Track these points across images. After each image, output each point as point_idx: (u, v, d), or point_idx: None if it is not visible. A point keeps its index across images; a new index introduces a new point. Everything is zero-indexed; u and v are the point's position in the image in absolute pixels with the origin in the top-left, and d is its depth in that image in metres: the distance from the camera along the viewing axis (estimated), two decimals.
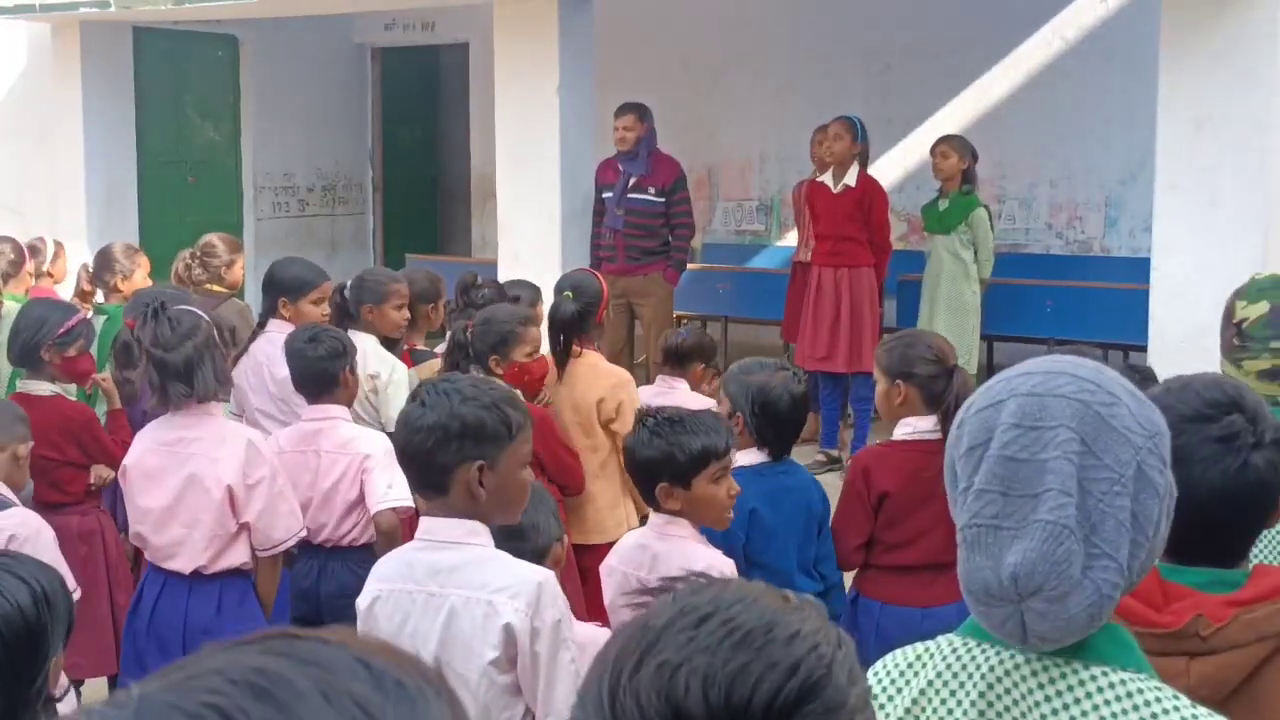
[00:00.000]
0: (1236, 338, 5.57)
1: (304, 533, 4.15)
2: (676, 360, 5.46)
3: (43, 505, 4.49)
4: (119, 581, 4.74)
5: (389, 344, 5.41)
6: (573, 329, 5.05)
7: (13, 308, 5.93)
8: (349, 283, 5.40)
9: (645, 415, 3.57)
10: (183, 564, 4.02)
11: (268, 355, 5.08)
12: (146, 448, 4.07)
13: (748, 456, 3.92)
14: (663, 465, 3.42)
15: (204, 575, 4.02)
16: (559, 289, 5.22)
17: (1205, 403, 2.00)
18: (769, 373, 3.95)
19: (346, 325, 5.12)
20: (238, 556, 4.04)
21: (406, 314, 5.36)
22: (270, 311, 5.27)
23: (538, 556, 3.09)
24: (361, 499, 4.30)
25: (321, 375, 4.40)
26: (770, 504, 3.87)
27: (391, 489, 4.21)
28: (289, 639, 0.88)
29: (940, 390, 3.91)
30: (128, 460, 4.12)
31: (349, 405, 4.53)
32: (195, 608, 4.01)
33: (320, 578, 4.32)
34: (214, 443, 3.99)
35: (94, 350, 6.28)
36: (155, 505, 4.03)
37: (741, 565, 3.73)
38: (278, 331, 5.13)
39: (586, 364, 5.09)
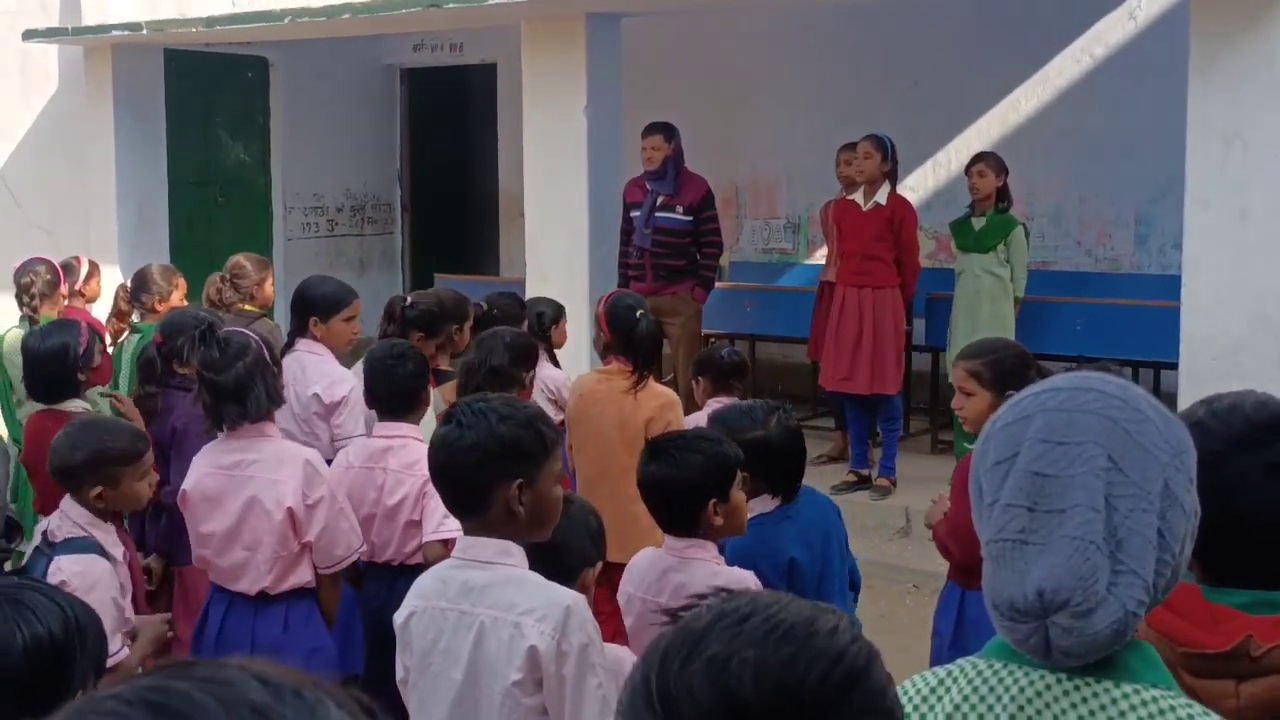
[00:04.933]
0: None
1: (364, 549, 4.14)
2: (724, 376, 5.38)
3: None
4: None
5: None
6: (660, 344, 5.04)
7: None
8: (409, 300, 5.41)
9: (656, 443, 3.54)
10: (247, 585, 4.02)
11: (293, 374, 5.07)
12: (204, 472, 4.06)
13: (763, 504, 3.79)
14: (711, 482, 3.37)
15: (269, 595, 4.02)
16: (624, 307, 5.18)
17: (1253, 426, 1.95)
18: (758, 422, 3.76)
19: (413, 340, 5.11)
20: (302, 576, 4.03)
21: (467, 336, 5.39)
22: (300, 330, 5.26)
23: (565, 577, 3.06)
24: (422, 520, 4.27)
25: (408, 393, 4.39)
26: (804, 546, 3.78)
27: (448, 519, 4.18)
28: (187, 665, 0.89)
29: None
30: (186, 485, 4.11)
31: (418, 423, 4.51)
32: (262, 627, 4.01)
33: (391, 596, 4.28)
34: (272, 464, 3.98)
35: (126, 367, 6.37)
36: (217, 529, 4.02)
37: None
38: (306, 350, 5.14)
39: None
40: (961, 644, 4.05)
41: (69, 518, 3.75)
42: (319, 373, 5.05)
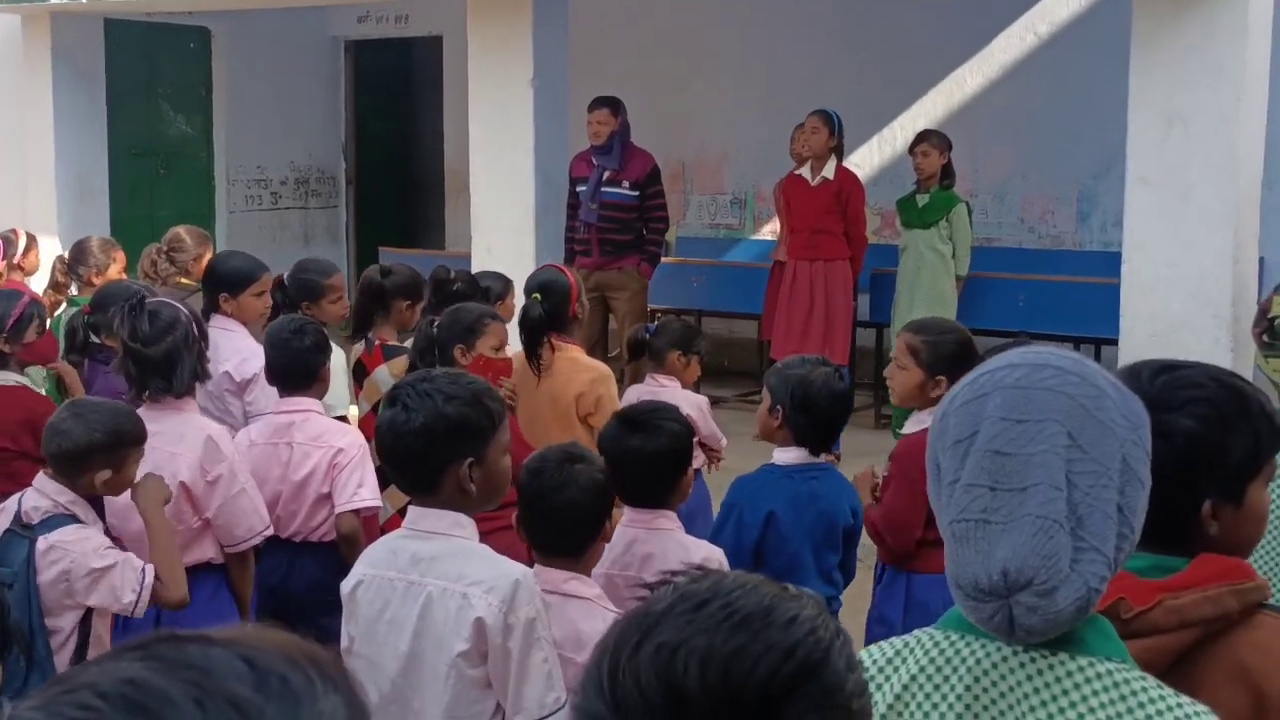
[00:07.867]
0: (1266, 334, 5.55)
1: (269, 531, 4.09)
2: (639, 355, 5.44)
3: None
4: None
5: (358, 334, 5.40)
6: (542, 331, 5.00)
7: None
8: (285, 275, 5.33)
9: (630, 416, 3.55)
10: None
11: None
12: None
13: (785, 455, 3.91)
14: (684, 453, 3.44)
15: None
16: (528, 290, 5.18)
17: (1152, 386, 1.91)
18: (810, 367, 3.94)
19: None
20: (204, 551, 3.99)
21: (346, 304, 5.31)
22: (213, 306, 5.21)
23: (591, 533, 3.09)
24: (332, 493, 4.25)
25: (304, 368, 4.35)
26: (791, 508, 3.82)
27: (361, 489, 4.17)
28: (174, 642, 0.87)
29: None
30: None
31: (320, 399, 4.49)
32: None
33: (290, 573, 4.26)
34: (173, 438, 3.93)
35: (63, 340, 6.29)
36: (121, 499, 3.99)
37: (748, 565, 3.69)
38: (219, 327, 5.08)
39: (566, 358, 5.06)
40: (913, 629, 4.04)
41: (46, 495, 3.56)
42: (230, 349, 4.99)
